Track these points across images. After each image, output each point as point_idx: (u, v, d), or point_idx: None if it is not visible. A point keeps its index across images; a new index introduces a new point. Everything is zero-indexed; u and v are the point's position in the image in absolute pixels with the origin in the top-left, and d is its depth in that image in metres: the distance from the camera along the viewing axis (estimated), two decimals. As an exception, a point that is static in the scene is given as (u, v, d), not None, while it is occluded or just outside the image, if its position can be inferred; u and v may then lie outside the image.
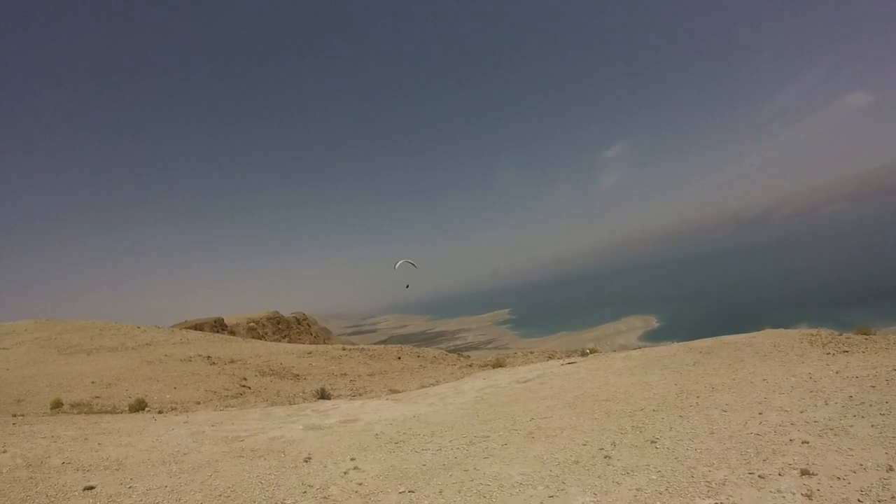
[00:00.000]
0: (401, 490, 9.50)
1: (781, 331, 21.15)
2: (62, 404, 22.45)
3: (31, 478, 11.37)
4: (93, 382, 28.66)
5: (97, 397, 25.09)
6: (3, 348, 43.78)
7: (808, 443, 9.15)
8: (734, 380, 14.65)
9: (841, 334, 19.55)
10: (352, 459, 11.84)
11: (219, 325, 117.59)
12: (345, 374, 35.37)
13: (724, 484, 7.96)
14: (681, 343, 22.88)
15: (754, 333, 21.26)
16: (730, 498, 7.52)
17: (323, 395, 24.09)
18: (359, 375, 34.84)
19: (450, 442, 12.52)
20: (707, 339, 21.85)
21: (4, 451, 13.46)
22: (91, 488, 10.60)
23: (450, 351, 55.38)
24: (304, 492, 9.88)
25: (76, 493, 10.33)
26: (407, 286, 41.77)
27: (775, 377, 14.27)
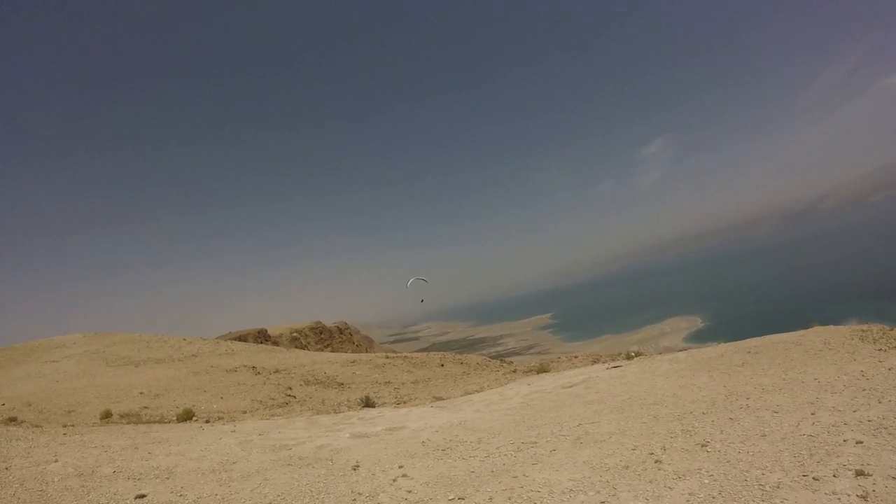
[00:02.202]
0: (450, 497, 9.52)
1: (831, 328, 20.64)
2: (112, 414, 22.96)
3: (83, 486, 11.69)
4: (141, 393, 29.29)
5: (146, 408, 25.61)
6: (54, 361, 44.92)
7: (862, 443, 8.94)
8: (784, 380, 14.35)
9: (893, 329, 18.98)
10: (400, 467, 11.91)
11: (262, 336, 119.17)
12: (388, 383, 35.59)
13: (778, 487, 7.83)
14: (728, 343, 22.41)
15: (803, 331, 20.79)
16: (784, 501, 7.40)
17: (368, 403, 24.24)
18: (402, 383, 35.03)
19: (497, 448, 12.50)
20: (755, 339, 21.37)
21: (56, 461, 13.83)
22: (142, 496, 10.86)
23: (492, 357, 55.35)
24: (354, 499, 9.97)
25: (128, 501, 10.63)
26: (422, 301, 45.26)
27: (827, 376, 13.94)
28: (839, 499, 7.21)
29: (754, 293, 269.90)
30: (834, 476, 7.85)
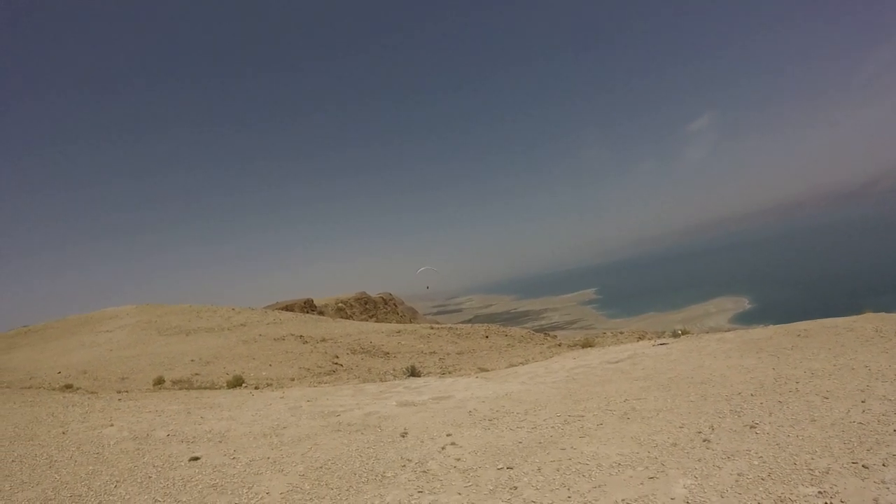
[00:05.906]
0: (499, 466, 9.73)
1: (883, 315, 20.01)
2: (164, 381, 23.63)
3: (138, 449, 12.18)
4: (192, 361, 30.04)
5: (197, 374, 26.29)
6: (107, 331, 46.33)
7: (913, 433, 8.80)
8: (835, 366, 14.07)
9: (947, 320, 18.40)
10: (448, 435, 12.14)
11: (309, 306, 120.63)
12: (434, 353, 35.85)
13: (827, 472, 7.84)
14: (777, 325, 21.97)
15: (854, 317, 20.19)
16: (833, 487, 7.41)
17: (413, 372, 24.50)
18: (447, 354, 35.27)
19: (544, 420, 12.64)
20: (805, 322, 20.90)
21: (112, 425, 14.34)
22: (196, 459, 11.24)
23: (536, 330, 55.19)
24: (404, 465, 10.20)
25: (182, 464, 10.99)
26: (427, 287, 49.84)
27: (878, 364, 13.61)
28: (888, 488, 7.19)
29: (804, 276, 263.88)
30: (883, 465, 7.81)
